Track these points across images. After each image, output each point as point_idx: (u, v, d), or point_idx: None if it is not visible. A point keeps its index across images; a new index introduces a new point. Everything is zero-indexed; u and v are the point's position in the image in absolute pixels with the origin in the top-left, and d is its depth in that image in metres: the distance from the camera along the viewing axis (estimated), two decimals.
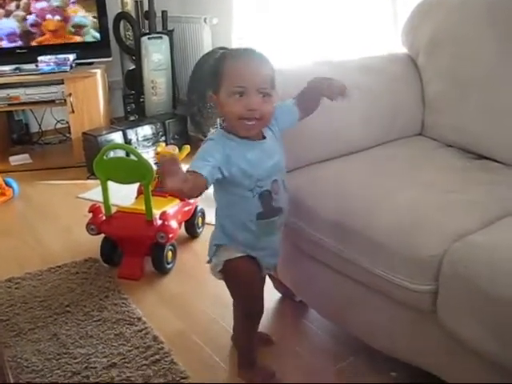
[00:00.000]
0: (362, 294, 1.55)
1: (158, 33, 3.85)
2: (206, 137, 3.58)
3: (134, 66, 4.01)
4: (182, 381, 1.69)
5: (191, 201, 2.49)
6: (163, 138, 3.65)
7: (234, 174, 1.42)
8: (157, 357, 1.79)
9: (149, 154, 3.41)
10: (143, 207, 2.24)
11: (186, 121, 3.86)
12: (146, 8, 3.89)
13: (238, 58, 1.44)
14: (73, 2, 3.79)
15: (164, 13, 3.86)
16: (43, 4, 3.77)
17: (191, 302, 2.11)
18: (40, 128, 4.21)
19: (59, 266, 2.37)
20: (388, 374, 1.65)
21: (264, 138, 1.50)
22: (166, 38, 3.85)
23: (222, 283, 1.64)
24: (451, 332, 1.31)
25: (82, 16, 3.83)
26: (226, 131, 1.47)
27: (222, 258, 1.55)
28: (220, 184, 1.46)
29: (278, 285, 2.01)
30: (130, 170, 2.28)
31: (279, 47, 3.02)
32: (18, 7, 3.74)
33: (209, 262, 1.61)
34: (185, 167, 2.54)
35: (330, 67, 1.95)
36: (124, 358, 1.79)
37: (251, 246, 1.53)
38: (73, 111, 3.61)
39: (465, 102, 1.91)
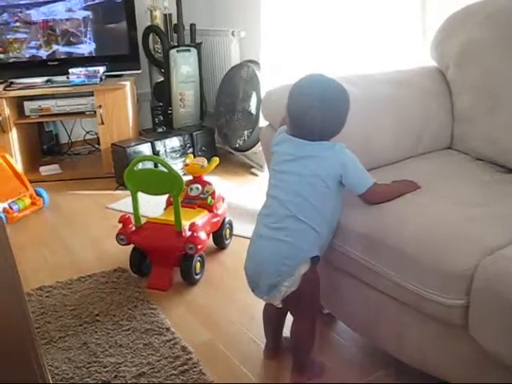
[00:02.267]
0: (392, 307, 1.55)
1: (187, 45, 3.89)
2: (233, 148, 3.67)
3: (162, 79, 4.06)
4: None
5: (219, 212, 2.51)
6: (191, 150, 3.68)
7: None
8: (185, 367, 1.80)
9: (177, 166, 3.44)
10: (172, 218, 2.26)
11: (213, 133, 3.89)
12: (174, 21, 3.95)
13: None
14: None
15: (192, 26, 3.91)
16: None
17: (219, 312, 2.12)
18: (69, 139, 4.27)
19: (89, 276, 2.40)
20: None
21: None
22: (194, 50, 3.90)
23: (250, 294, 1.65)
24: (482, 347, 1.30)
25: None
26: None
27: (303, 270, 1.56)
28: (337, 189, 1.56)
29: None
30: (159, 181, 2.30)
31: (309, 61, 3.03)
32: None
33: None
34: (211, 178, 2.60)
35: (359, 81, 1.97)
36: (153, 368, 1.81)
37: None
38: (102, 122, 3.66)
39: (495, 116, 1.91)
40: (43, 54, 3.84)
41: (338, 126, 1.58)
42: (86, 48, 3.89)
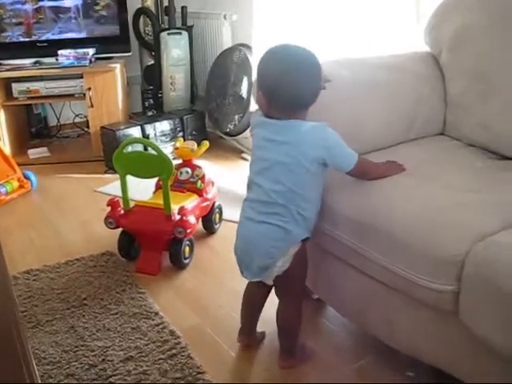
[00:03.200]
0: (382, 292, 1.54)
1: (178, 28, 3.85)
2: (223, 133, 3.65)
3: (152, 62, 4.02)
4: (199, 375, 1.68)
5: (209, 196, 2.49)
6: (181, 134, 3.65)
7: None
8: (173, 351, 1.79)
9: (167, 150, 3.41)
10: (161, 202, 2.24)
11: (204, 117, 3.86)
12: (165, 3, 3.90)
13: None
14: None
15: (184, 8, 3.86)
16: None
17: (208, 297, 2.11)
18: (58, 122, 4.23)
19: (77, 259, 2.38)
20: (405, 373, 1.64)
21: None
22: (185, 33, 3.86)
23: (239, 279, 1.65)
24: (473, 333, 1.30)
25: None
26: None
27: (294, 250, 1.56)
28: (321, 171, 1.54)
29: None
30: (149, 164, 2.28)
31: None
32: None
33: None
34: (201, 162, 2.57)
35: (351, 65, 1.95)
36: (141, 352, 1.79)
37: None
38: (92, 105, 3.62)
39: (488, 101, 1.89)
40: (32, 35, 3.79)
41: (313, 93, 1.53)
42: (76, 29, 3.84)
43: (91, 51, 3.71)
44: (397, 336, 1.55)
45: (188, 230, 2.22)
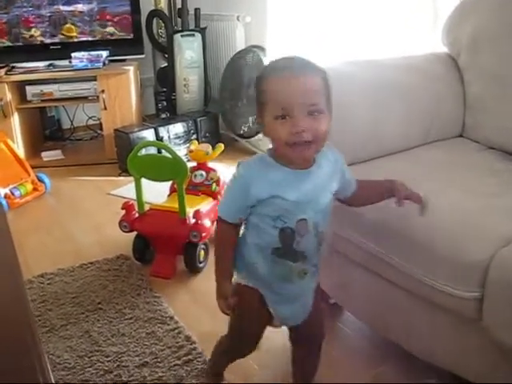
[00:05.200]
0: (401, 297, 1.51)
1: (191, 30, 3.84)
2: (237, 135, 3.62)
3: (166, 64, 4.01)
4: None
5: None
6: (194, 136, 3.63)
7: (259, 198, 1.24)
8: (189, 357, 1.77)
9: (180, 152, 3.39)
10: (176, 205, 2.23)
11: (217, 119, 3.84)
12: (178, 5, 3.89)
13: (276, 74, 1.19)
14: None
15: (197, 10, 3.85)
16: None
17: None
18: (72, 124, 4.23)
19: (91, 263, 2.36)
20: (425, 381, 1.61)
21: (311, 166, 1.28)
22: (198, 35, 3.84)
23: None
24: (496, 339, 1.26)
25: None
26: (270, 156, 1.26)
27: (237, 280, 1.38)
28: None
29: None
30: (163, 167, 2.26)
31: (316, 46, 2.98)
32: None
33: None
34: (216, 165, 2.55)
35: (369, 66, 1.92)
36: (156, 358, 1.77)
37: (263, 283, 1.34)
38: (105, 108, 3.61)
39: (507, 104, 1.87)
40: (46, 38, 3.79)
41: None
42: (90, 32, 3.84)
43: (105, 53, 3.71)
44: (415, 342, 1.52)
45: (203, 234, 2.20)
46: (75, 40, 3.83)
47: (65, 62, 3.69)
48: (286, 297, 1.36)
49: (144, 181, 2.29)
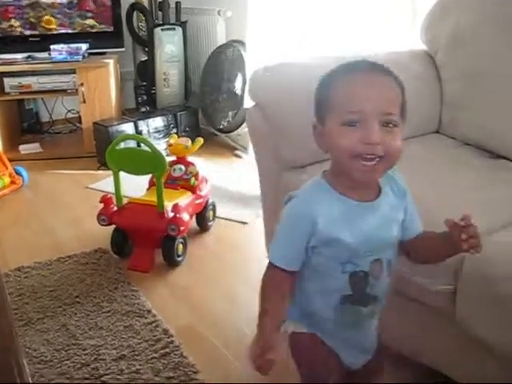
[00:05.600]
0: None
1: (172, 24, 3.82)
2: (217, 129, 3.62)
3: (146, 57, 3.99)
4: (192, 375, 1.67)
5: (202, 194, 2.48)
6: (174, 131, 3.63)
7: (322, 238, 1.05)
8: (167, 350, 1.77)
9: (160, 146, 3.37)
10: (155, 199, 2.22)
11: (197, 113, 3.84)
12: None
13: (350, 73, 1.06)
14: None
15: (178, 4, 3.84)
16: None
17: (201, 295, 2.09)
18: (51, 117, 4.18)
19: (69, 256, 2.35)
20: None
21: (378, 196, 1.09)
22: (179, 29, 3.83)
23: (232, 277, 1.62)
24: (471, 334, 1.29)
25: None
26: (327, 181, 1.08)
27: (289, 329, 1.17)
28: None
29: None
30: (142, 161, 2.26)
31: (297, 42, 2.99)
32: None
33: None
34: (195, 160, 2.55)
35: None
36: (133, 351, 1.77)
37: (328, 334, 1.15)
38: (84, 101, 3.59)
39: (484, 101, 1.89)
40: (25, 29, 3.75)
41: None
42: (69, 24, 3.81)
43: (84, 46, 3.68)
44: (395, 338, 1.53)
45: (181, 228, 2.20)
46: (54, 32, 3.79)
47: (44, 55, 3.65)
48: (350, 342, 1.16)
49: (123, 174, 2.28)
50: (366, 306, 1.10)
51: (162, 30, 3.76)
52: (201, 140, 2.56)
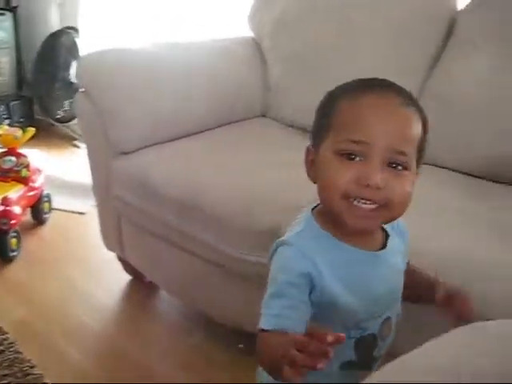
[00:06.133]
0: (203, 269, 1.59)
1: (1, 9, 3.62)
2: (54, 119, 3.51)
3: None
4: (29, 370, 1.63)
5: (36, 185, 2.40)
6: (7, 122, 3.46)
7: (321, 300, 0.84)
8: (1, 348, 1.71)
9: None
10: None
11: (32, 103, 3.69)
12: None
13: (366, 94, 0.84)
14: None
15: None
16: None
17: (37, 288, 2.04)
18: None
19: None
20: (236, 346, 1.70)
21: (385, 245, 0.90)
22: (9, 14, 3.63)
23: (70, 267, 1.61)
24: None
25: None
26: (317, 221, 0.89)
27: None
28: None
29: (127, 267, 1.99)
30: None
31: (125, 28, 2.97)
32: None
33: None
34: (31, 151, 2.47)
35: (172, 49, 1.97)
36: None
37: None
38: None
39: (307, 83, 1.99)
40: None
41: None
42: None
43: None
44: (220, 310, 1.61)
45: (12, 221, 2.12)
46: None
47: None
48: None
49: None
50: (369, 370, 0.90)
51: None
52: (32, 130, 2.47)
